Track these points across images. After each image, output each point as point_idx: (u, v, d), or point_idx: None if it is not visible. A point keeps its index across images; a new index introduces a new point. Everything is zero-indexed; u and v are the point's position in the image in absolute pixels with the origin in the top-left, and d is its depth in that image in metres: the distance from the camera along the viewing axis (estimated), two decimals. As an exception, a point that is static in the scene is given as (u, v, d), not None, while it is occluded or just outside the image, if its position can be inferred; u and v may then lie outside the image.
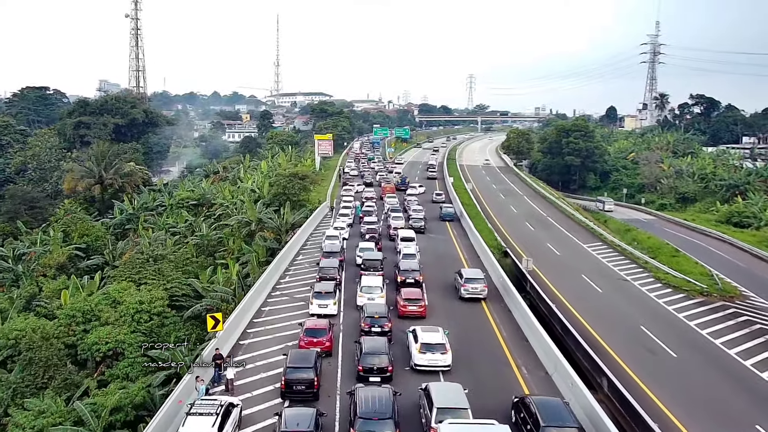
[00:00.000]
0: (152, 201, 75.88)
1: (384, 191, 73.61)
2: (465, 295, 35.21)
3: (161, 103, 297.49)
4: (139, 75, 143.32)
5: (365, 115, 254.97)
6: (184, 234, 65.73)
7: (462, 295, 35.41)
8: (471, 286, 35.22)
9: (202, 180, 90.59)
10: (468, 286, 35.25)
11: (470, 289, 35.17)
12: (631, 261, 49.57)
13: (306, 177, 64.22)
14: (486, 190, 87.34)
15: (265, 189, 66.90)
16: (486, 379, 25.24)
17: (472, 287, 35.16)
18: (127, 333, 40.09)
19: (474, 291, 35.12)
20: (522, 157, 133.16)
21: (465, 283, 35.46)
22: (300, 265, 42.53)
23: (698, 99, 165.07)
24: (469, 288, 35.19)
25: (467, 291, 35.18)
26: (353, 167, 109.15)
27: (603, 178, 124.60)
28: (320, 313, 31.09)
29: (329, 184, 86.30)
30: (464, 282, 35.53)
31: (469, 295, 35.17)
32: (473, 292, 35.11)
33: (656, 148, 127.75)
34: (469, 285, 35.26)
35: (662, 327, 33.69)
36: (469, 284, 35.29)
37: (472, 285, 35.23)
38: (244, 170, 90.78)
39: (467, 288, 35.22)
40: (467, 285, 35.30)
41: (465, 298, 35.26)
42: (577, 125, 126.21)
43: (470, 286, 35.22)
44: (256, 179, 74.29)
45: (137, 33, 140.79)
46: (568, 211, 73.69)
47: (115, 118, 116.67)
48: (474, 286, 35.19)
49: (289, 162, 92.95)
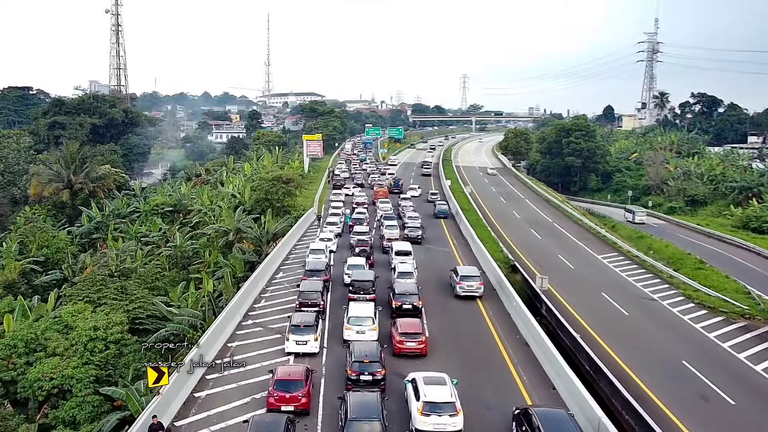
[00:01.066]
0: (125, 207, 69.95)
1: (377, 195, 68.03)
2: (460, 293, 34.29)
3: (150, 104, 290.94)
4: (120, 73, 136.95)
5: (357, 115, 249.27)
6: (157, 244, 59.96)
7: (457, 293, 34.45)
8: (466, 283, 34.32)
9: (182, 184, 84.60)
10: (463, 283, 34.34)
11: (465, 286, 34.23)
12: (654, 275, 44.22)
13: (291, 181, 58.50)
14: (485, 194, 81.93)
15: (247, 194, 61.16)
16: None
17: (468, 285, 34.27)
18: (78, 366, 34.44)
19: (469, 289, 34.20)
20: (520, 158, 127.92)
21: (460, 280, 34.54)
22: (279, 285, 36.81)
23: (699, 97, 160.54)
24: (465, 285, 34.26)
25: (462, 289, 34.26)
26: (344, 169, 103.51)
27: (605, 180, 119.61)
28: (298, 352, 25.46)
29: (318, 187, 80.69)
30: (460, 279, 34.64)
31: (465, 293, 34.20)
32: (468, 290, 34.18)
33: (659, 148, 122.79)
34: (464, 282, 34.36)
35: (708, 362, 28.27)
36: (465, 282, 34.40)
37: (468, 282, 34.34)
38: (226, 173, 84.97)
39: (462, 285, 34.28)
40: (463, 282, 34.38)
41: (460, 296, 34.25)
42: (577, 125, 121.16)
43: (466, 283, 34.32)
44: (237, 183, 68.51)
45: (118, 29, 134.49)
46: (575, 216, 68.37)
47: (92, 118, 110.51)
48: (469, 283, 34.31)
49: (275, 164, 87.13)
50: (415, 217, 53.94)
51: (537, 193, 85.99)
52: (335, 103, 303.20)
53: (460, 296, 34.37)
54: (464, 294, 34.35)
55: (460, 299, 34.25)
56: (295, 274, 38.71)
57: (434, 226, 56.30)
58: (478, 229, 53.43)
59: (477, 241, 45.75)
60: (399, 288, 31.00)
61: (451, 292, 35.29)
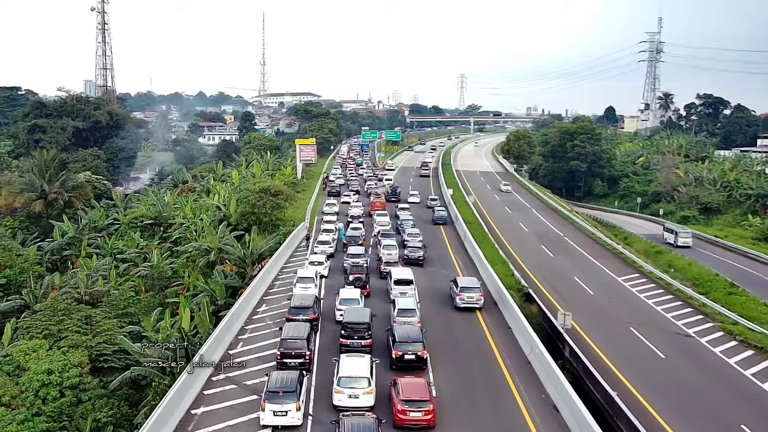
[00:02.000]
0: (103, 219, 64.88)
1: (373, 207, 63.13)
2: (460, 304, 33.43)
3: (144, 104, 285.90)
4: (107, 73, 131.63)
5: (354, 115, 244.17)
6: (134, 262, 55.02)
7: (457, 305, 33.55)
8: (466, 295, 33.38)
9: (167, 191, 79.60)
10: (463, 295, 33.41)
11: (465, 298, 33.32)
12: (683, 302, 39.49)
13: (279, 193, 53.58)
14: (489, 203, 77.12)
15: (232, 206, 56.21)
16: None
17: (468, 296, 33.34)
18: (26, 418, 29.83)
19: (470, 300, 33.31)
20: (523, 162, 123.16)
21: (460, 292, 33.60)
22: (260, 324, 31.86)
23: (705, 98, 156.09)
24: (465, 297, 33.35)
25: (462, 300, 33.37)
26: (339, 174, 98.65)
27: (611, 185, 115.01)
28: (276, 425, 20.62)
29: (311, 195, 75.88)
30: (459, 291, 33.70)
31: (465, 304, 33.33)
32: (469, 302, 33.28)
33: (667, 152, 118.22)
34: (464, 294, 33.44)
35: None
36: (465, 293, 33.45)
37: (468, 294, 33.39)
38: (214, 180, 79.99)
39: (462, 297, 33.39)
40: (462, 294, 33.46)
41: (460, 307, 33.40)
42: (582, 128, 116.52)
43: (465, 295, 33.39)
44: (223, 193, 63.54)
45: (104, 28, 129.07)
46: (587, 228, 63.60)
47: (75, 120, 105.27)
48: (470, 295, 33.37)
49: (266, 171, 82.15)
50: (416, 234, 49.10)
51: (543, 202, 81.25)
52: (331, 103, 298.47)
53: (459, 308, 33.31)
54: (464, 306, 33.29)
55: (460, 311, 33.21)
56: (280, 306, 33.78)
57: (437, 243, 51.59)
58: (484, 246, 48.75)
59: (484, 263, 40.93)
60: (400, 334, 26.12)
61: (452, 318, 32.77)
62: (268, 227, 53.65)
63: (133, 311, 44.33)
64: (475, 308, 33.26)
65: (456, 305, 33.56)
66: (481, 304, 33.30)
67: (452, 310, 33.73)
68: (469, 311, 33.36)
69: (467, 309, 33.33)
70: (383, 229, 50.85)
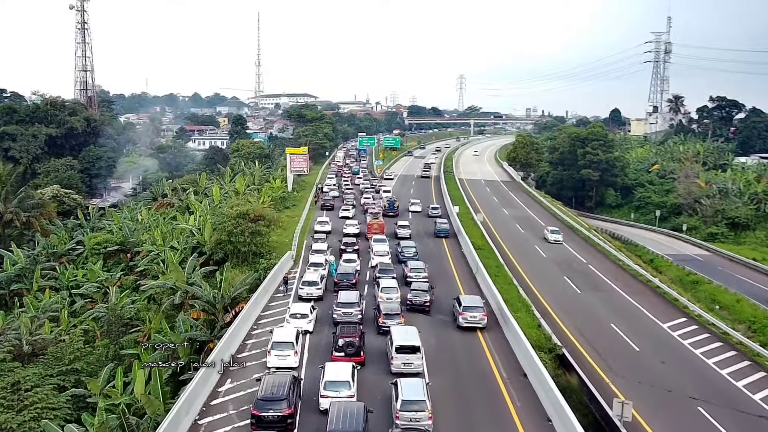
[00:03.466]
0: (63, 243, 57.17)
1: (370, 229, 55.58)
2: (463, 324, 32.81)
3: (138, 105, 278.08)
4: (87, 76, 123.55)
5: (351, 118, 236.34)
6: (92, 298, 47.48)
7: (460, 324, 32.90)
8: (469, 314, 32.76)
9: (141, 208, 71.98)
10: (466, 314, 32.80)
11: (468, 317, 32.72)
12: (751, 361, 32.09)
13: (260, 218, 46.00)
14: (498, 220, 69.60)
15: (207, 232, 48.61)
16: None
17: (471, 316, 32.74)
18: None
19: (472, 320, 32.69)
20: (530, 170, 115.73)
21: (463, 311, 32.96)
22: (221, 415, 24.24)
23: (719, 101, 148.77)
24: (468, 317, 32.73)
25: (465, 320, 32.76)
26: (333, 185, 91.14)
27: (624, 195, 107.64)
28: None
29: (302, 211, 68.41)
30: (462, 310, 33.05)
31: (468, 324, 32.72)
32: (472, 321, 32.67)
33: (684, 159, 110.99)
34: (467, 313, 32.82)
35: None
36: (468, 312, 32.83)
37: (471, 313, 32.78)
38: (195, 195, 72.35)
39: (465, 316, 32.77)
40: (465, 313, 32.84)
41: (463, 327, 32.74)
42: (594, 133, 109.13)
43: (469, 314, 32.77)
44: (201, 213, 55.91)
45: (84, 27, 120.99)
46: (612, 253, 56.13)
47: (49, 127, 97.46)
48: (473, 314, 32.77)
49: (252, 185, 74.49)
50: (420, 269, 41.54)
51: (558, 218, 73.72)
52: (328, 104, 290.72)
53: (462, 327, 32.61)
54: (467, 325, 32.61)
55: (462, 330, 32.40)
56: (250, 383, 26.15)
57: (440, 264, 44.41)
58: (499, 281, 41.46)
59: (505, 311, 33.33)
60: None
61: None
62: (248, 258, 46.10)
63: (81, 366, 36.82)
64: (477, 328, 32.45)
65: (459, 324, 32.82)
66: (484, 324, 32.56)
67: (455, 329, 32.94)
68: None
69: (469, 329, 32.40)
70: (382, 262, 43.32)
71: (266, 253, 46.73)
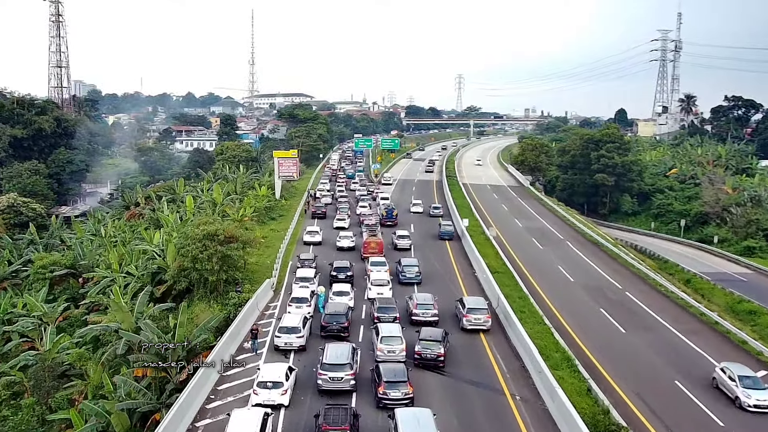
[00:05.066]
0: (3, 265, 48.79)
1: (366, 249, 47.40)
2: (467, 326, 32.17)
3: (131, 105, 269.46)
4: (62, 72, 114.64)
5: (347, 118, 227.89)
6: (27, 337, 39.08)
7: (464, 326, 32.26)
8: (473, 316, 32.16)
9: (106, 220, 63.61)
10: (470, 316, 32.19)
11: (473, 320, 32.08)
12: None
13: (232, 239, 37.71)
14: (512, 234, 61.39)
15: (170, 255, 40.32)
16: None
17: (475, 318, 32.13)
18: None
19: (477, 322, 32.06)
20: (540, 175, 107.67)
21: (467, 313, 32.36)
22: None
23: (735, 101, 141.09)
24: (472, 319, 32.10)
25: (469, 322, 32.12)
26: (327, 191, 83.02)
27: (641, 201, 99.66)
28: None
29: (290, 224, 60.34)
30: (466, 312, 32.42)
31: (472, 326, 32.09)
32: (476, 323, 32.05)
33: (705, 162, 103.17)
34: (471, 315, 32.22)
35: None
36: (472, 315, 32.24)
37: (475, 316, 32.19)
38: (168, 204, 63.98)
39: (469, 319, 32.15)
40: (469, 315, 32.25)
41: (467, 329, 32.10)
42: (608, 135, 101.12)
43: (473, 316, 32.16)
44: (164, 232, 47.63)
45: (59, 20, 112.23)
46: (649, 276, 47.96)
47: (15, 128, 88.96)
48: (477, 316, 32.14)
49: (232, 194, 66.14)
50: (429, 305, 33.55)
51: (578, 230, 65.61)
52: (324, 104, 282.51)
53: (466, 330, 32.18)
54: (471, 327, 32.23)
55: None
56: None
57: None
58: (527, 320, 33.49)
59: (549, 380, 25.24)
60: None
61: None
62: (219, 288, 37.90)
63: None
64: (481, 330, 32.14)
65: (462, 327, 32.48)
66: (488, 326, 32.33)
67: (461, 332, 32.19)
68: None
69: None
70: (381, 295, 35.24)
71: (241, 282, 38.49)
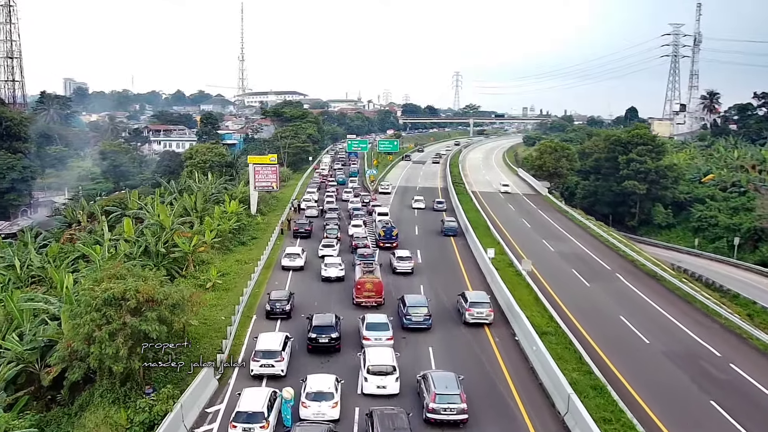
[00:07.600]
0: None
1: (359, 292, 34.55)
2: (469, 320, 32.20)
3: (118, 103, 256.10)
4: (13, 63, 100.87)
5: (341, 117, 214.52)
6: None
7: (466, 320, 32.31)
8: (476, 310, 32.21)
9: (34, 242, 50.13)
10: (473, 310, 32.22)
11: (475, 313, 32.11)
12: None
13: (154, 302, 24.31)
14: (545, 265, 47.63)
15: (65, 325, 26.82)
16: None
17: (477, 312, 32.16)
18: None
19: (479, 316, 32.07)
20: (560, 181, 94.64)
21: (469, 307, 32.38)
22: None
23: (765, 97, 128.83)
24: (474, 312, 32.14)
25: (472, 316, 32.15)
26: (313, 201, 70.09)
27: (675, 212, 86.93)
28: None
29: (262, 251, 47.46)
30: (468, 306, 32.45)
31: (474, 320, 32.12)
32: (478, 317, 32.07)
33: (748, 166, 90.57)
34: (473, 309, 32.26)
35: None
36: (474, 308, 32.29)
37: (477, 309, 32.23)
38: (108, 227, 50.44)
39: (472, 312, 32.17)
40: (472, 309, 32.27)
41: (469, 323, 32.14)
42: (639, 136, 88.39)
43: (475, 310, 32.20)
44: (85, 275, 34.26)
45: (10, 7, 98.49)
46: (754, 336, 34.95)
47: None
48: (479, 310, 32.20)
49: (192, 210, 52.73)
50: (454, 394, 20.93)
51: (625, 256, 52.62)
52: (317, 102, 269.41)
53: (469, 324, 31.81)
54: (473, 321, 31.88)
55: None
56: None
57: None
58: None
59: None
60: None
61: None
62: (134, 377, 24.56)
63: None
64: (484, 323, 31.71)
65: (465, 321, 32.16)
66: (491, 320, 31.99)
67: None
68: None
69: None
70: (383, 388, 22.26)
71: (153, 383, 25.09)
